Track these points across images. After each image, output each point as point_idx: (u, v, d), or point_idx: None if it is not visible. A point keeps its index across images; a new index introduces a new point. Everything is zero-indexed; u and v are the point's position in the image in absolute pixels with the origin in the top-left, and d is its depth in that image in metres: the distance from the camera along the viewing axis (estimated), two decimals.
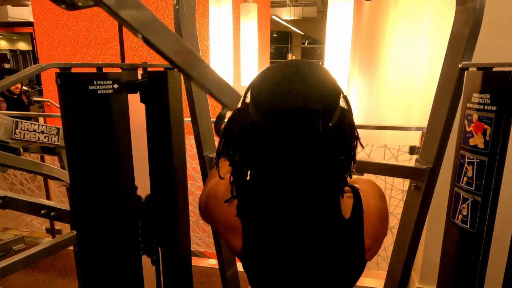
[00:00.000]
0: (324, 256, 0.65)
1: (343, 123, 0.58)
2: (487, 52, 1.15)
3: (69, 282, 2.16)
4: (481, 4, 0.88)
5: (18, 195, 1.38)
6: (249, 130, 0.59)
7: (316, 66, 0.59)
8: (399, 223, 1.24)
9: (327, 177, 0.60)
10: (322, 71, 0.59)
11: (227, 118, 0.66)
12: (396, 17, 3.11)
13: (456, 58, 0.93)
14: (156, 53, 0.56)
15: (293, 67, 0.57)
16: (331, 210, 0.63)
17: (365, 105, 4.22)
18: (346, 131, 0.59)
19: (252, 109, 0.59)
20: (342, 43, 1.56)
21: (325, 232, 0.64)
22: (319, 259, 0.65)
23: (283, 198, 0.62)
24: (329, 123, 0.56)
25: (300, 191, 0.61)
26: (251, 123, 0.58)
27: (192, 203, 2.34)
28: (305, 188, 0.60)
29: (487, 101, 0.80)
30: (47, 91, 3.42)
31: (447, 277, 0.98)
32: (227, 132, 0.63)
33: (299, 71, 0.57)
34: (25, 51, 9.96)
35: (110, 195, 0.88)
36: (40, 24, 3.19)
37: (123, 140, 0.88)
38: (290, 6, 10.24)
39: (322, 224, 0.64)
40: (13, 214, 2.76)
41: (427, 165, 1.05)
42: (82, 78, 0.78)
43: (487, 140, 0.82)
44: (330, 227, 0.64)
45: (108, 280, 0.92)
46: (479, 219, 0.86)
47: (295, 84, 0.55)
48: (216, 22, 1.86)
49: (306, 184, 0.60)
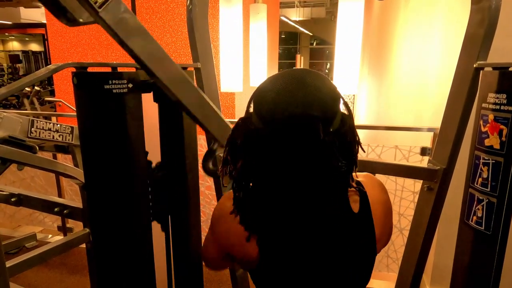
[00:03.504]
0: (341, 252, 0.67)
1: (343, 128, 0.61)
2: (502, 51, 1.13)
3: (80, 280, 2.18)
4: (497, 3, 0.87)
5: (32, 193, 1.41)
6: (252, 138, 0.62)
7: (315, 74, 0.62)
8: (411, 224, 1.23)
9: (330, 180, 0.62)
10: (321, 79, 0.61)
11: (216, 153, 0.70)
12: (407, 17, 3.08)
13: (471, 58, 0.92)
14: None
15: (293, 77, 0.61)
16: (341, 208, 0.66)
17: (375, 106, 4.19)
18: (347, 136, 0.62)
19: (255, 118, 0.62)
20: (352, 44, 1.55)
21: (338, 229, 0.66)
22: (337, 256, 0.67)
23: (289, 204, 0.64)
24: (329, 129, 0.58)
25: (305, 195, 0.63)
26: (254, 130, 0.61)
27: (202, 202, 2.35)
28: (309, 191, 0.62)
29: (504, 101, 0.79)
30: (59, 91, 3.47)
31: (461, 280, 0.97)
32: (231, 141, 0.66)
33: (299, 80, 0.60)
34: (37, 52, 10.13)
35: (123, 193, 0.89)
36: (53, 25, 3.24)
37: (137, 138, 0.89)
38: (298, 7, 10.23)
39: (334, 222, 0.65)
40: (26, 211, 2.81)
41: (440, 166, 1.04)
42: (97, 77, 0.79)
43: (503, 141, 0.80)
44: (343, 224, 0.66)
45: (122, 278, 0.93)
46: (495, 220, 0.84)
47: (295, 92, 0.58)
48: (226, 23, 1.87)
49: (310, 188, 0.62)
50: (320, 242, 0.66)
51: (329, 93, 0.60)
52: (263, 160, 0.61)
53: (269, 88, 0.61)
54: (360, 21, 1.54)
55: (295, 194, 0.63)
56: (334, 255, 0.66)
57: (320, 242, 0.66)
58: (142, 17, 2.97)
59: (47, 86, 8.35)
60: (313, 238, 0.66)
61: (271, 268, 0.68)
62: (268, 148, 0.60)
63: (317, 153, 0.58)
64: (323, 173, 0.60)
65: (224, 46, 1.86)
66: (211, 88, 1.14)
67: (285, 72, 0.63)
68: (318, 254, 0.66)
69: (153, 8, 2.95)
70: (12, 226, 2.93)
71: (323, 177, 0.61)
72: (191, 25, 1.05)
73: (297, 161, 0.59)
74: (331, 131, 0.59)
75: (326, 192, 0.63)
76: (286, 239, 0.66)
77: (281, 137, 0.58)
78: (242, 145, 0.63)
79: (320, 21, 12.36)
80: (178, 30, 2.93)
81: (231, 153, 0.66)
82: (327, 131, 0.58)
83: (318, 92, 0.59)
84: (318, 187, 0.62)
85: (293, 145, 0.58)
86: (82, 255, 2.36)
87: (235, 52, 1.90)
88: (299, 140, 0.58)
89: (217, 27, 2.35)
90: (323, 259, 0.67)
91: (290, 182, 0.61)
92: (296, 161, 0.59)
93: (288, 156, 0.59)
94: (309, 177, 0.60)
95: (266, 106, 0.60)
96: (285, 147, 0.58)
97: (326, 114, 0.59)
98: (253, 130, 0.61)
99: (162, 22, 2.94)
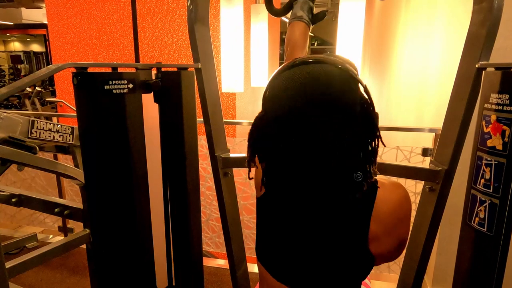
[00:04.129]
0: (330, 231, 0.67)
1: (361, 121, 0.57)
2: (505, 51, 1.13)
3: (81, 280, 2.18)
4: (500, 3, 0.86)
5: (33, 193, 1.41)
6: (263, 135, 0.62)
7: (327, 67, 0.57)
8: (413, 225, 1.22)
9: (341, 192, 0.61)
10: (335, 71, 0.57)
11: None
12: (408, 16, 3.08)
13: (473, 58, 0.92)
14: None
15: (299, 71, 0.57)
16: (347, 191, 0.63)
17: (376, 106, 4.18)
18: (364, 132, 0.58)
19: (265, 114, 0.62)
20: (353, 44, 1.55)
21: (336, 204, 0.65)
22: (326, 236, 0.67)
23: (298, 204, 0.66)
24: (344, 127, 0.55)
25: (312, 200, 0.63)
26: (265, 127, 0.61)
27: (203, 203, 2.35)
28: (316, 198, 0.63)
29: (506, 102, 0.79)
30: (60, 91, 3.48)
31: (463, 281, 0.96)
32: (250, 135, 0.66)
33: (313, 75, 0.56)
34: (38, 52, 10.15)
35: (124, 193, 0.89)
36: (54, 26, 3.25)
37: (137, 139, 0.89)
38: None
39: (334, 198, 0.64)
40: (26, 212, 2.81)
41: (442, 166, 1.03)
42: (98, 77, 0.79)
43: (505, 142, 0.80)
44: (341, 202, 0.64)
45: (122, 279, 0.93)
46: (497, 221, 0.84)
47: (304, 90, 0.55)
48: (227, 23, 1.87)
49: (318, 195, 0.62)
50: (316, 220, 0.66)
51: (343, 87, 0.56)
52: (273, 156, 0.62)
53: (276, 84, 0.59)
54: (361, 21, 1.53)
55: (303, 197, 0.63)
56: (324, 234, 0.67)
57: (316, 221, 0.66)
58: (143, 17, 2.97)
59: (49, 86, 8.36)
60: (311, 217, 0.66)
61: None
62: (278, 149, 0.60)
63: (327, 162, 0.56)
64: (334, 184, 0.60)
65: (225, 46, 1.86)
66: (211, 89, 1.14)
67: (292, 65, 0.59)
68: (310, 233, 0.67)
69: (154, 9, 2.95)
70: (13, 226, 2.93)
71: (334, 189, 0.60)
72: (191, 26, 1.05)
73: (305, 168, 0.58)
74: (346, 129, 0.55)
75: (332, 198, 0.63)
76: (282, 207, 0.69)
77: (288, 141, 0.57)
78: (257, 141, 0.64)
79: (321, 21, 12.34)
80: (179, 31, 2.93)
81: (251, 148, 0.66)
82: (341, 133, 0.55)
83: (328, 88, 0.55)
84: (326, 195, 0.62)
85: (301, 147, 0.57)
86: (83, 255, 2.36)
87: (236, 52, 1.89)
88: (306, 142, 0.56)
89: (218, 27, 2.35)
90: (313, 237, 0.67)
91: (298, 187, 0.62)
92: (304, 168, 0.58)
93: (296, 156, 0.58)
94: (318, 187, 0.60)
95: (273, 105, 0.59)
96: (294, 151, 0.58)
97: (339, 113, 0.55)
98: (264, 126, 0.61)
99: (163, 22, 2.94)
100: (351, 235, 0.66)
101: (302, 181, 0.61)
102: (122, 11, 3.05)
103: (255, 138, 0.65)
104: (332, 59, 0.58)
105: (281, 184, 0.67)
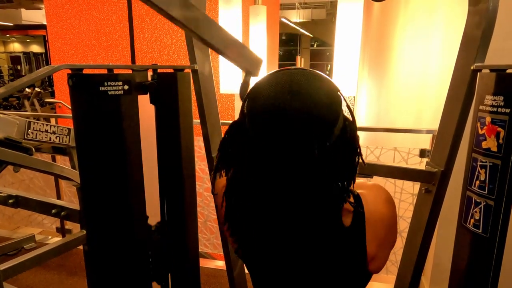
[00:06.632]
0: (324, 266, 0.63)
1: (344, 137, 0.55)
2: (501, 53, 1.13)
3: (78, 281, 2.18)
4: (495, 5, 0.86)
5: (30, 195, 1.41)
6: (243, 146, 0.57)
7: (312, 78, 0.55)
8: (409, 226, 1.22)
9: (321, 201, 0.57)
10: (319, 83, 0.55)
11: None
12: (407, 18, 3.08)
13: (468, 60, 0.92)
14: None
15: (288, 82, 0.54)
16: (330, 219, 0.60)
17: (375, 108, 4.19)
18: (346, 147, 0.56)
19: (248, 123, 0.56)
20: (351, 45, 1.55)
21: (323, 241, 0.61)
22: (319, 269, 0.64)
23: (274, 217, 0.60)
24: (326, 143, 0.53)
25: (292, 212, 0.58)
26: (245, 137, 0.56)
27: (200, 204, 2.35)
28: (297, 209, 0.58)
29: (501, 104, 0.79)
30: (59, 92, 3.48)
31: (459, 282, 0.96)
32: (223, 146, 0.61)
33: (294, 86, 0.53)
34: (38, 53, 10.16)
35: (119, 195, 0.89)
36: (53, 27, 3.25)
37: (132, 140, 0.89)
38: (299, 8, 10.24)
39: (320, 234, 0.61)
40: (24, 213, 2.81)
41: (438, 168, 1.03)
42: (93, 79, 0.79)
43: (500, 143, 0.80)
44: (329, 236, 0.61)
45: (116, 279, 0.93)
46: (492, 223, 0.84)
47: (288, 102, 0.52)
48: (225, 24, 1.87)
49: (298, 206, 0.57)
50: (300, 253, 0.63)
51: (327, 101, 0.54)
52: (252, 171, 0.57)
53: (262, 92, 0.56)
54: (359, 22, 1.54)
55: (281, 211, 0.58)
56: (314, 267, 0.64)
57: (300, 253, 0.63)
58: (142, 18, 2.98)
59: (48, 87, 8.37)
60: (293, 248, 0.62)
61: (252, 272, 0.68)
62: (257, 158, 0.55)
63: (308, 173, 0.53)
64: (313, 194, 0.56)
65: None
66: (208, 90, 1.14)
67: (281, 73, 0.57)
68: (297, 265, 0.64)
69: (153, 10, 2.95)
70: (11, 227, 2.92)
71: (314, 198, 0.56)
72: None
73: (285, 179, 0.55)
74: (327, 145, 0.53)
75: (315, 210, 0.58)
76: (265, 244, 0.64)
77: (269, 151, 0.54)
78: (233, 153, 0.59)
79: (320, 22, 12.38)
80: (178, 32, 2.93)
81: (222, 160, 0.62)
82: (323, 146, 0.52)
83: (314, 101, 0.53)
84: (306, 206, 0.57)
85: (282, 161, 0.53)
86: (80, 256, 2.35)
87: None
88: (290, 157, 0.53)
89: None
90: (303, 270, 0.64)
91: (276, 198, 0.57)
92: (284, 179, 0.55)
93: (276, 171, 0.54)
94: (298, 197, 0.56)
95: (258, 115, 0.55)
96: (274, 161, 0.54)
97: (322, 127, 0.52)
98: (244, 137, 0.56)
99: (161, 23, 2.95)
100: (350, 264, 0.64)
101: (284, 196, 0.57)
102: (120, 12, 3.06)
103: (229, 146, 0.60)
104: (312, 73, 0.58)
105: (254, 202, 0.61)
